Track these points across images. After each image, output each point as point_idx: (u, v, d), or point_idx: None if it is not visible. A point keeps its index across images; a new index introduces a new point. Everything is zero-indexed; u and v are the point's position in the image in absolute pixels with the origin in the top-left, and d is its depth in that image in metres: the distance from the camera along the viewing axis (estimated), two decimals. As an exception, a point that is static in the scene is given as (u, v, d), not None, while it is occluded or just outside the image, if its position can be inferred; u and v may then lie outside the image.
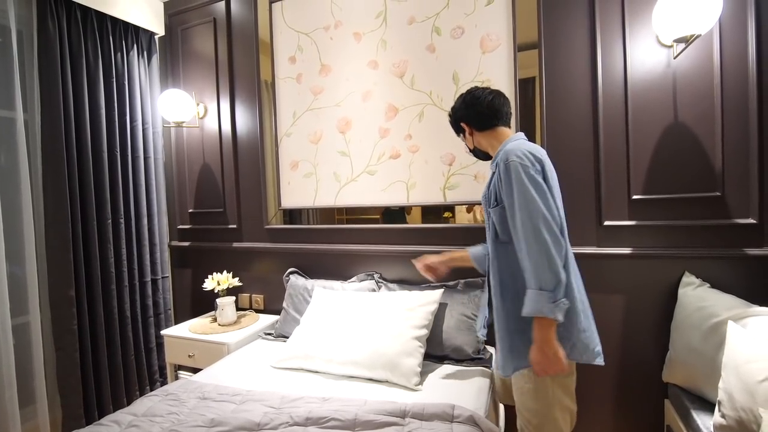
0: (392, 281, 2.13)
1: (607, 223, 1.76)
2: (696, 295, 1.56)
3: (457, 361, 1.79)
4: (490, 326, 1.47)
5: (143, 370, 2.42)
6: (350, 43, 2.19)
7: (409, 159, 2.10)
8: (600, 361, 1.23)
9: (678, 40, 1.48)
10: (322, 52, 2.26)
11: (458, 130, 1.50)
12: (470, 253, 1.63)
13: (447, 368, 1.75)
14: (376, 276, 2.16)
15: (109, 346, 2.24)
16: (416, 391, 1.57)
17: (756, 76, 1.52)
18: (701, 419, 1.35)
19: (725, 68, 1.56)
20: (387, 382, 1.63)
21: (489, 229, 1.37)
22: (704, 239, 1.63)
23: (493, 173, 1.34)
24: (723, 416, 1.20)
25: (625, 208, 1.74)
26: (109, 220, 2.24)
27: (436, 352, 1.81)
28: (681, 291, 1.62)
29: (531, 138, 1.87)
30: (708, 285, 1.59)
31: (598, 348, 1.25)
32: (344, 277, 2.24)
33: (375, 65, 2.14)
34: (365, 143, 2.19)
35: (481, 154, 1.49)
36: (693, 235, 1.65)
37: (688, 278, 1.63)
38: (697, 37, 1.43)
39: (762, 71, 1.53)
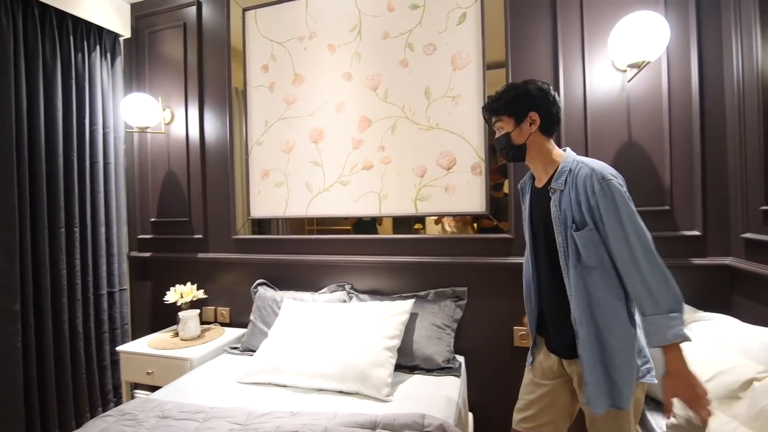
0: (363, 292, 2.13)
1: (569, 234, 1.84)
2: (650, 303, 1.65)
3: (428, 371, 1.80)
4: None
5: (95, 389, 2.26)
6: (324, 54, 2.21)
7: (382, 170, 2.12)
8: (652, 378, 1.18)
9: (631, 66, 1.61)
10: (296, 61, 2.26)
11: (518, 115, 1.26)
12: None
13: (417, 378, 1.76)
14: (347, 287, 2.15)
15: (58, 364, 2.09)
16: (387, 402, 1.57)
17: (698, 101, 1.67)
18: (655, 420, 1.43)
19: (672, 93, 1.70)
20: (357, 394, 1.62)
21: (566, 253, 1.20)
22: (657, 250, 1.74)
23: (558, 191, 1.21)
24: (674, 416, 1.27)
25: (585, 220, 1.83)
26: (63, 229, 2.11)
27: (406, 362, 1.81)
28: (636, 299, 1.72)
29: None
30: (660, 293, 1.70)
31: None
32: (315, 288, 2.21)
33: (349, 77, 2.17)
34: (338, 154, 2.20)
35: (516, 154, 1.29)
36: (646, 246, 1.76)
37: (642, 287, 1.73)
38: (648, 63, 1.56)
39: (703, 96, 1.68)
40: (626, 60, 1.60)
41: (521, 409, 1.38)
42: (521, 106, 1.25)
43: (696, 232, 1.69)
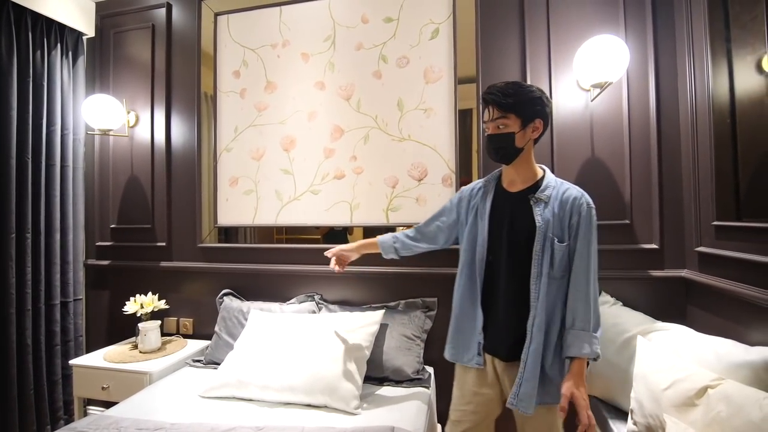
0: (333, 302, 2.10)
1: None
2: (611, 313, 1.71)
3: (397, 383, 1.79)
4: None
5: (44, 406, 2.12)
6: (298, 62, 2.20)
7: (354, 180, 2.12)
8: None
9: (594, 85, 1.69)
10: (268, 69, 2.24)
11: (526, 118, 1.26)
12: (378, 242, 1.64)
13: (386, 390, 1.74)
14: (316, 297, 2.11)
15: (3, 379, 1.94)
16: (356, 415, 1.54)
17: (656, 121, 1.77)
18: (617, 427, 1.47)
19: (632, 112, 1.79)
20: (326, 407, 1.59)
21: (540, 262, 1.25)
22: (617, 262, 1.81)
23: (542, 202, 1.27)
24: (635, 423, 1.32)
25: (551, 232, 1.88)
26: (13, 235, 1.99)
27: (376, 374, 1.79)
28: (599, 309, 1.78)
29: (468, 165, 1.99)
30: (621, 303, 1.77)
31: None
32: (283, 298, 2.16)
33: (322, 86, 2.16)
34: (309, 162, 2.18)
35: (509, 156, 1.30)
36: (608, 258, 1.82)
37: (604, 297, 1.80)
38: (610, 84, 1.64)
39: (660, 117, 1.77)
40: (590, 80, 1.68)
41: (458, 421, 1.40)
42: (532, 111, 1.26)
43: (654, 246, 1.77)
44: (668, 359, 1.30)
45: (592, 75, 1.65)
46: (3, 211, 1.96)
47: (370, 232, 2.12)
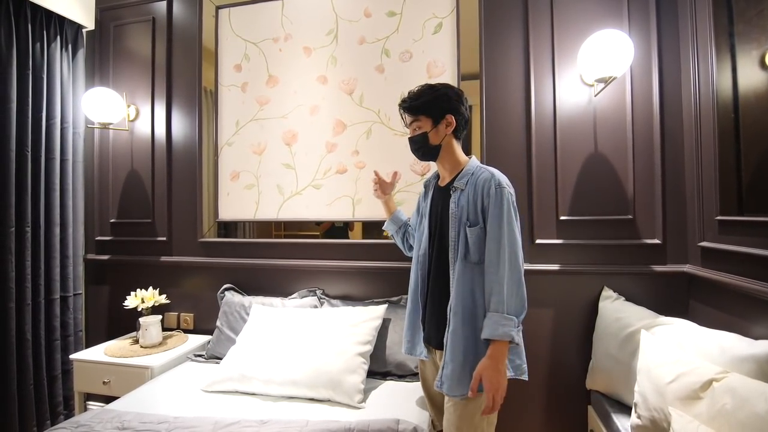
0: (335, 297, 2.10)
1: (538, 241, 1.89)
2: (614, 308, 1.72)
3: (400, 377, 1.79)
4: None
5: (44, 401, 2.10)
6: (300, 56, 2.18)
7: (356, 174, 2.11)
8: (525, 376, 1.30)
9: (598, 80, 1.69)
10: (270, 62, 2.22)
11: (436, 117, 1.33)
12: (396, 211, 1.70)
13: (390, 384, 1.74)
14: (318, 292, 2.11)
15: (3, 374, 1.93)
16: (359, 408, 1.54)
17: (659, 116, 1.77)
18: (620, 421, 1.48)
19: (635, 107, 1.79)
20: (329, 401, 1.59)
21: (456, 247, 1.30)
22: (619, 257, 1.82)
23: (459, 190, 1.32)
24: (639, 417, 1.32)
25: (553, 227, 1.89)
26: (13, 228, 1.97)
27: (379, 368, 1.80)
28: (601, 304, 1.78)
29: (472, 160, 1.99)
30: (623, 298, 1.77)
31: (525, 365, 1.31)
32: (285, 293, 2.16)
33: (324, 80, 2.15)
34: (311, 157, 2.17)
35: (429, 154, 1.38)
36: (610, 253, 1.83)
37: (606, 292, 1.80)
38: (614, 78, 1.64)
39: (663, 112, 1.78)
40: (594, 75, 1.67)
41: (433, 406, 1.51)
42: (440, 108, 1.34)
43: (656, 241, 1.78)
44: (672, 353, 1.31)
45: (596, 70, 1.65)
46: (2, 204, 1.94)
47: (371, 227, 2.11)
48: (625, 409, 1.54)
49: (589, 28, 1.79)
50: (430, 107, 1.34)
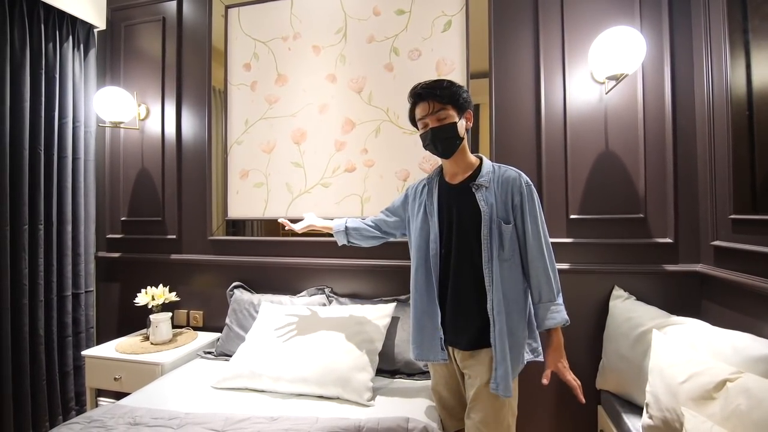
0: (343, 295, 2.10)
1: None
2: (624, 307, 1.71)
3: (409, 375, 1.79)
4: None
5: (56, 397, 2.13)
6: (309, 55, 2.19)
7: (365, 173, 2.11)
8: (542, 357, 1.40)
9: (610, 78, 1.67)
10: (279, 61, 2.23)
11: (461, 111, 1.33)
12: (334, 228, 1.70)
13: (399, 382, 1.74)
14: (326, 290, 2.11)
15: (17, 370, 1.96)
16: (368, 406, 1.54)
17: (671, 114, 1.75)
18: (631, 422, 1.46)
19: (647, 105, 1.78)
20: (338, 398, 1.59)
21: (489, 245, 1.28)
22: (630, 256, 1.80)
23: (483, 188, 1.31)
24: (650, 417, 1.31)
25: (563, 226, 1.88)
26: (26, 226, 2.00)
27: (387, 366, 1.80)
28: (611, 303, 1.77)
29: (481, 158, 1.98)
30: (634, 298, 1.76)
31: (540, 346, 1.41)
32: (293, 291, 2.17)
33: (333, 79, 2.16)
34: (320, 155, 2.17)
35: (454, 146, 1.34)
36: (621, 252, 1.81)
37: (617, 292, 1.79)
38: (626, 76, 1.62)
39: (676, 109, 1.76)
40: (605, 72, 1.66)
41: (443, 407, 1.50)
42: (464, 102, 1.34)
43: (668, 240, 1.76)
44: (685, 353, 1.30)
45: (607, 67, 1.63)
46: (16, 202, 1.97)
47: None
48: (636, 409, 1.53)
49: (600, 25, 1.77)
50: (457, 99, 1.32)
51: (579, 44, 1.84)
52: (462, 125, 1.34)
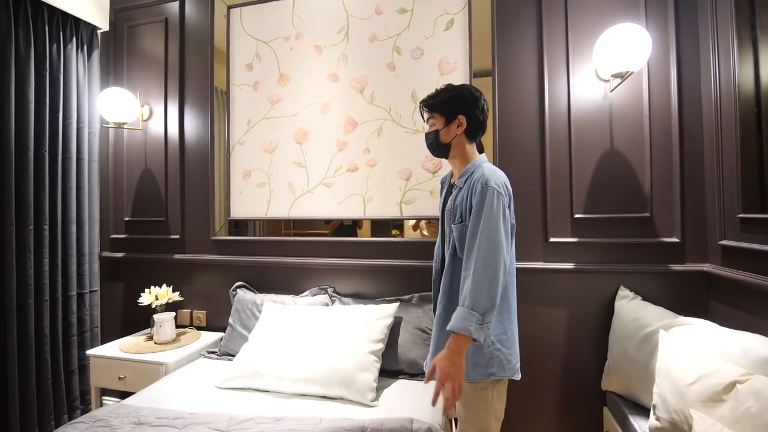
0: (346, 295, 2.10)
1: (552, 239, 1.87)
2: (630, 307, 1.69)
3: (412, 375, 1.78)
4: None
5: (61, 396, 2.14)
6: (311, 55, 2.18)
7: (367, 173, 2.11)
8: (517, 376, 1.31)
9: (615, 75, 1.65)
10: (281, 61, 2.23)
11: (449, 116, 1.35)
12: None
13: (402, 383, 1.74)
14: (329, 290, 2.11)
15: (22, 369, 1.97)
16: (372, 407, 1.54)
17: (677, 111, 1.72)
18: (638, 423, 1.45)
19: (652, 103, 1.75)
20: (342, 399, 1.58)
21: (448, 243, 1.37)
22: (636, 256, 1.78)
23: (459, 188, 1.34)
24: (658, 419, 1.29)
25: (567, 225, 1.86)
26: (31, 227, 2.00)
27: (391, 366, 1.79)
28: (617, 303, 1.75)
29: (485, 157, 1.97)
30: (640, 298, 1.73)
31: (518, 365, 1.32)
32: (296, 291, 2.16)
33: (335, 78, 2.15)
34: (322, 155, 2.17)
35: (440, 151, 1.39)
36: (626, 251, 1.79)
37: (623, 291, 1.77)
38: (631, 73, 1.60)
39: (682, 107, 1.73)
40: (610, 70, 1.64)
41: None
42: (453, 108, 1.35)
43: (675, 239, 1.74)
44: (693, 354, 1.28)
45: (612, 65, 1.61)
46: (21, 203, 1.97)
47: (380, 225, 2.11)
48: (643, 410, 1.51)
49: (604, 22, 1.75)
50: (444, 106, 1.36)
51: (583, 41, 1.82)
52: (448, 131, 1.36)
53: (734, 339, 1.27)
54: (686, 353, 1.29)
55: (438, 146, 1.39)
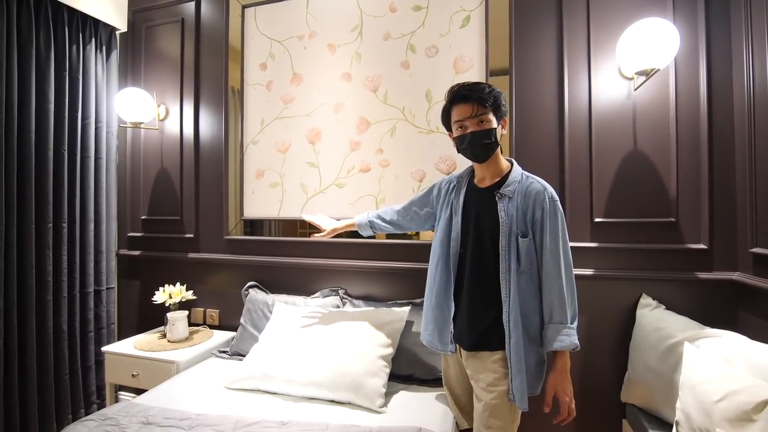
0: (357, 297, 2.07)
1: (571, 244, 1.78)
2: (653, 317, 1.61)
3: (423, 382, 1.74)
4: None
5: (78, 390, 2.19)
6: (324, 54, 2.16)
7: (380, 173, 2.07)
8: None
9: (639, 73, 1.57)
10: (294, 60, 2.21)
11: (499, 116, 1.31)
12: (356, 223, 1.74)
13: (412, 389, 1.70)
14: (340, 292, 2.09)
15: (41, 363, 2.01)
16: (380, 413, 1.50)
17: (707, 111, 1.63)
18: (658, 438, 1.38)
19: (680, 102, 1.67)
20: (350, 404, 1.56)
21: (507, 257, 1.28)
22: (660, 262, 1.70)
23: (506, 198, 1.30)
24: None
25: (587, 230, 1.79)
26: (50, 224, 2.05)
27: (401, 372, 1.75)
28: (639, 312, 1.67)
29: (500, 158, 1.91)
30: (663, 307, 1.65)
31: None
32: (307, 292, 2.15)
33: (348, 77, 2.12)
34: (335, 155, 2.14)
35: (490, 152, 1.32)
36: (649, 258, 1.71)
37: (645, 300, 1.69)
38: (657, 71, 1.52)
39: (711, 106, 1.64)
40: (634, 67, 1.56)
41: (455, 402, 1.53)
42: (503, 109, 1.32)
43: (702, 246, 1.65)
44: (720, 368, 1.20)
45: (636, 62, 1.53)
46: (41, 201, 2.02)
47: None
48: (664, 425, 1.44)
49: (629, 17, 1.67)
50: (498, 105, 1.30)
51: (606, 38, 1.74)
52: (499, 131, 1.33)
53: (766, 353, 1.19)
54: (713, 367, 1.22)
55: (493, 145, 1.31)
